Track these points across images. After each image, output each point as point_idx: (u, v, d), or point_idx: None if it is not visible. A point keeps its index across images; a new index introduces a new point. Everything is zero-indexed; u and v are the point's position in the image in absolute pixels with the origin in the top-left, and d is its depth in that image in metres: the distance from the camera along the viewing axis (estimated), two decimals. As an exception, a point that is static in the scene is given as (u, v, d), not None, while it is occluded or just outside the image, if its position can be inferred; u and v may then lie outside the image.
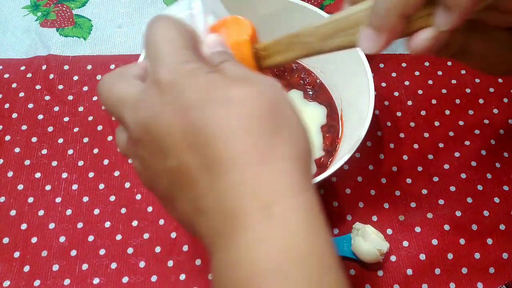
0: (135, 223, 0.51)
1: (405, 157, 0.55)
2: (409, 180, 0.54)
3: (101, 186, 0.53)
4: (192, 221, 0.27)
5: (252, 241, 0.24)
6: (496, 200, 0.53)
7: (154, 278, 0.49)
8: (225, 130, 0.24)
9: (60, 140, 0.56)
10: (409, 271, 0.49)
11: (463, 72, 0.61)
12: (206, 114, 0.25)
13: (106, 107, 0.29)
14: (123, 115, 0.28)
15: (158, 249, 0.50)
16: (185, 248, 0.50)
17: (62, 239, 0.51)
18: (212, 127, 0.25)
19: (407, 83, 0.60)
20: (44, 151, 0.56)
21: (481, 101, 0.59)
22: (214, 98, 0.25)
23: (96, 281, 0.49)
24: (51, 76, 0.61)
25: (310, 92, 0.56)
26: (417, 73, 0.61)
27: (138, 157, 0.28)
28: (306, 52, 0.34)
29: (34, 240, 0.50)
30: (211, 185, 0.25)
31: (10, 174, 0.54)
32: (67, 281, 0.48)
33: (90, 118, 0.58)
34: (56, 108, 0.58)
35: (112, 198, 0.53)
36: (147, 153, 0.27)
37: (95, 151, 0.56)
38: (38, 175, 0.54)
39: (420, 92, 0.60)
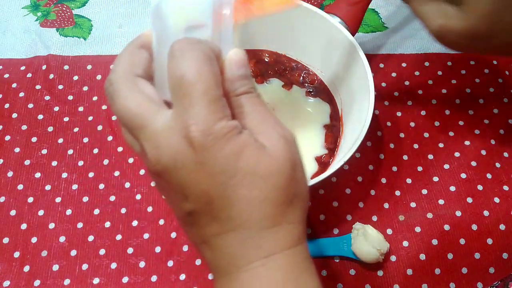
0: (135, 223, 0.51)
1: (405, 157, 0.55)
2: (409, 180, 0.54)
3: (101, 186, 0.53)
4: (200, 247, 0.30)
5: (250, 278, 0.28)
6: (496, 200, 0.53)
7: (154, 278, 0.49)
8: (246, 199, 0.27)
9: (60, 140, 0.56)
10: (409, 271, 0.49)
11: (463, 72, 0.61)
12: (233, 182, 0.27)
13: (118, 118, 0.29)
14: (142, 142, 0.28)
15: (158, 249, 0.50)
16: (185, 248, 0.50)
17: (62, 239, 0.51)
18: (235, 195, 0.27)
19: (407, 83, 0.60)
20: (44, 151, 0.56)
21: (481, 101, 0.59)
22: (242, 169, 0.27)
23: (96, 281, 0.49)
24: (51, 76, 0.61)
25: (311, 91, 0.56)
26: (417, 73, 0.61)
27: (155, 180, 0.30)
28: None
29: (34, 240, 0.50)
30: (222, 233, 0.28)
31: (10, 174, 0.54)
32: (67, 281, 0.48)
33: (90, 118, 0.58)
34: (56, 108, 0.58)
35: (112, 198, 0.53)
36: (166, 184, 0.28)
37: (95, 151, 0.56)
38: (38, 175, 0.54)
39: (420, 92, 0.60)
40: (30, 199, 0.53)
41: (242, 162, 0.27)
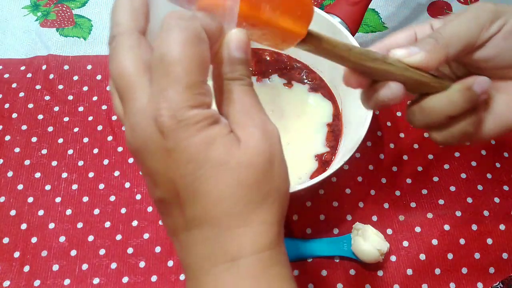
0: (135, 223, 0.51)
1: (405, 157, 0.55)
2: (409, 180, 0.54)
3: (101, 186, 0.54)
4: (173, 241, 0.28)
5: (214, 284, 0.26)
6: (496, 200, 0.53)
7: (154, 278, 0.49)
8: (212, 193, 0.25)
9: (60, 140, 0.56)
10: (409, 271, 0.49)
11: (463, 72, 0.61)
12: (200, 174, 0.25)
13: (112, 78, 0.27)
14: (125, 116, 0.26)
15: (158, 249, 0.50)
16: (185, 248, 0.50)
17: (62, 239, 0.51)
18: (201, 188, 0.25)
19: (407, 83, 0.60)
20: (44, 151, 0.56)
21: (481, 101, 0.59)
22: (210, 160, 0.25)
23: (96, 281, 0.49)
24: (51, 76, 0.61)
25: (312, 86, 0.56)
26: (417, 73, 0.61)
27: (133, 157, 0.29)
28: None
29: (34, 240, 0.50)
30: (187, 229, 0.26)
31: (10, 174, 0.54)
32: (67, 281, 0.48)
33: (90, 118, 0.58)
34: (56, 108, 0.58)
35: (112, 198, 0.53)
36: (140, 166, 0.27)
37: (95, 151, 0.56)
38: (38, 175, 0.54)
39: (420, 92, 0.60)
40: (30, 199, 0.53)
41: (212, 153, 0.25)
